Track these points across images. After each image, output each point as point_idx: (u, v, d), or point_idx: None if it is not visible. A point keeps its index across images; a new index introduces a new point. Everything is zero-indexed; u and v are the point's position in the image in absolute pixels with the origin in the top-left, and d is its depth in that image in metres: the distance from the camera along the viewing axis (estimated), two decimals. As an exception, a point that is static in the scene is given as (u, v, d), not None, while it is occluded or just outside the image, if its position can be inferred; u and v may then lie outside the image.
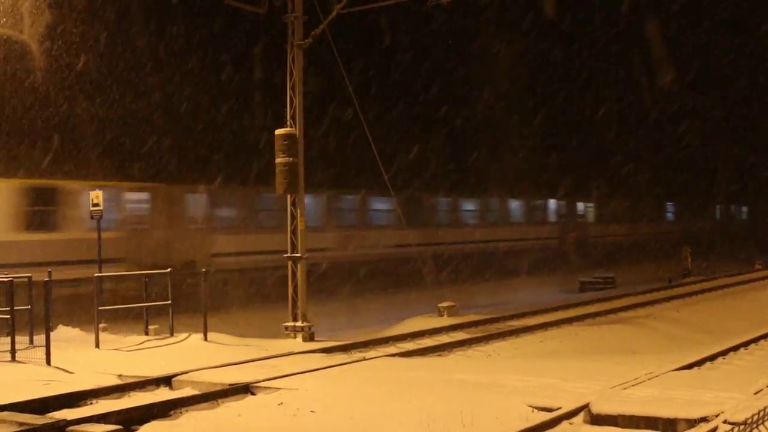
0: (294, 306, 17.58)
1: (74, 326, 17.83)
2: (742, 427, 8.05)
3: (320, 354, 14.52)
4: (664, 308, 23.35)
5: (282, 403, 10.04)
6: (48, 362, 13.31)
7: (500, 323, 20.01)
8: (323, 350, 15.05)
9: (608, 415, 9.03)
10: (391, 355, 14.73)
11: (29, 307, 15.26)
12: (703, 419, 8.55)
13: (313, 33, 17.71)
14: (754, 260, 40.63)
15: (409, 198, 34.98)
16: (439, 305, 21.19)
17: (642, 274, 37.01)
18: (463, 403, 9.53)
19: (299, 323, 17.30)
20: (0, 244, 21.23)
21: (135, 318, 18.24)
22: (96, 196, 18.66)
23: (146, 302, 16.94)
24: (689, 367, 12.73)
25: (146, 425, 9.55)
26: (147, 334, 16.65)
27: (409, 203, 34.86)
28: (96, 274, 16.57)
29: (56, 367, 13.07)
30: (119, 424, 9.47)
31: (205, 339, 15.93)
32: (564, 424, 8.92)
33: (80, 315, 18.68)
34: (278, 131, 17.40)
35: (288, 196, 17.74)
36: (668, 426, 8.68)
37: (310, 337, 17.06)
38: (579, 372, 11.68)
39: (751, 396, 9.44)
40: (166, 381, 11.98)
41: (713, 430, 8.14)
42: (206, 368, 12.55)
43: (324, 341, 16.79)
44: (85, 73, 24.92)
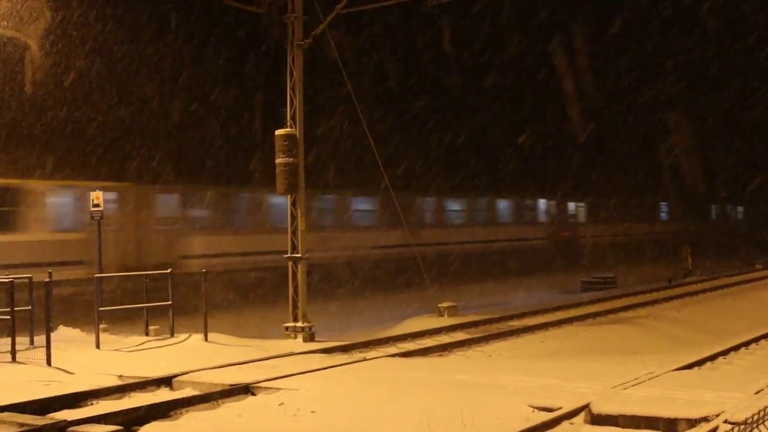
0: (294, 306, 17.59)
1: (74, 327, 17.85)
2: (743, 427, 8.05)
3: (320, 354, 14.52)
4: (665, 308, 23.35)
5: (282, 404, 10.05)
6: (48, 363, 13.31)
7: (500, 323, 20.00)
8: (323, 350, 15.05)
9: (609, 415, 9.03)
10: (392, 356, 14.73)
11: (29, 308, 15.27)
12: (704, 419, 8.55)
13: (313, 33, 17.72)
14: (755, 260, 40.65)
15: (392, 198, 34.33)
16: (440, 305, 21.18)
17: (642, 274, 37.00)
18: (464, 404, 9.53)
19: (299, 323, 17.30)
20: None
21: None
22: (96, 197, 18.66)
23: (145, 303, 16.93)
24: (690, 367, 12.74)
25: (147, 426, 9.55)
26: (147, 335, 16.65)
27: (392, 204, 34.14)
28: (96, 275, 16.57)
29: (57, 368, 13.07)
30: (120, 425, 9.47)
31: (206, 339, 15.93)
32: (564, 424, 8.92)
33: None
34: (278, 131, 17.37)
35: (288, 197, 17.75)
36: (669, 426, 8.68)
37: (311, 338, 17.06)
38: (579, 372, 11.68)
39: (752, 396, 9.44)
40: (167, 381, 11.98)
41: (714, 430, 8.14)
42: (207, 369, 12.56)
43: (324, 341, 16.78)
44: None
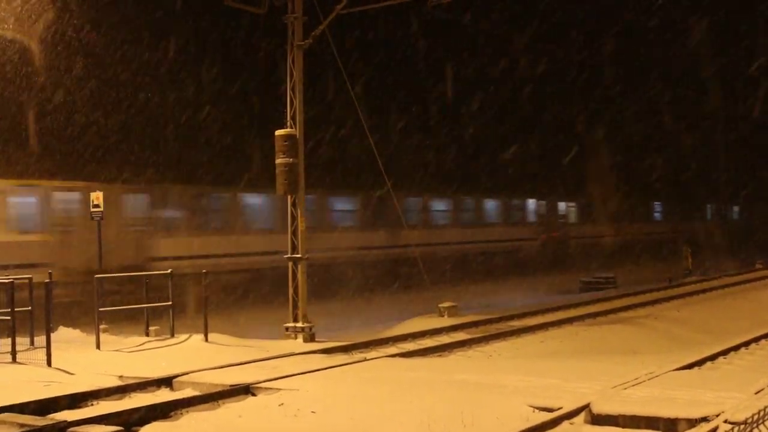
0: (294, 307, 17.58)
1: (75, 327, 17.85)
2: (743, 427, 8.05)
3: (321, 355, 14.52)
4: (665, 308, 23.35)
5: (283, 404, 10.05)
6: (49, 363, 13.31)
7: (501, 323, 20.00)
8: (324, 351, 15.06)
9: (609, 415, 9.03)
10: (392, 356, 14.73)
11: (30, 309, 15.28)
12: (704, 419, 8.55)
13: (313, 34, 17.72)
14: (755, 260, 40.66)
15: (378, 198, 32.89)
16: (440, 305, 21.18)
17: (638, 274, 36.97)
18: (464, 404, 9.53)
19: (300, 324, 17.29)
20: None
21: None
22: (96, 198, 18.69)
23: (146, 303, 16.93)
24: (690, 367, 12.74)
25: (147, 426, 9.55)
26: (148, 335, 16.65)
27: (378, 203, 33.05)
28: (96, 276, 16.58)
29: (57, 369, 13.07)
30: (120, 426, 9.47)
31: (206, 340, 15.93)
32: (565, 424, 8.92)
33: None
34: (278, 132, 17.36)
35: (288, 197, 17.75)
36: (669, 426, 8.69)
37: (311, 338, 17.05)
38: (580, 372, 11.69)
39: (752, 395, 9.44)
40: (167, 382, 11.98)
41: (714, 430, 8.14)
42: (207, 369, 12.56)
43: (324, 342, 16.78)
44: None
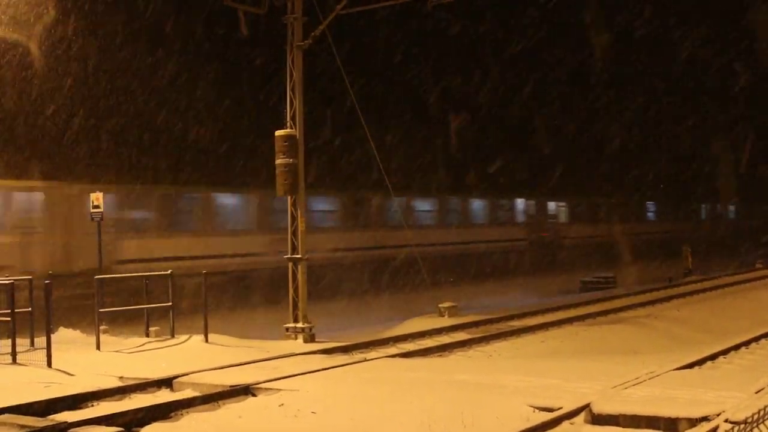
0: (294, 307, 17.58)
1: (75, 328, 17.85)
2: (744, 426, 8.05)
3: (321, 355, 14.52)
4: (665, 308, 23.35)
5: (283, 405, 10.05)
6: (49, 364, 13.31)
7: (501, 323, 20.00)
8: (324, 351, 15.06)
9: (609, 415, 9.03)
10: (392, 356, 14.72)
11: (30, 310, 15.28)
12: (705, 418, 8.55)
13: (313, 34, 17.72)
14: (755, 260, 40.67)
15: (357, 198, 32.65)
16: (440, 305, 21.18)
17: (640, 275, 36.97)
18: (464, 404, 9.53)
19: (300, 324, 17.30)
20: None
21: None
22: (96, 198, 18.68)
23: (146, 304, 16.93)
24: (690, 367, 12.74)
25: (147, 427, 9.55)
26: (148, 336, 16.65)
27: (356, 204, 32.61)
28: (97, 276, 16.57)
29: (57, 370, 13.07)
30: (120, 426, 9.47)
31: (206, 340, 15.93)
32: (565, 424, 8.92)
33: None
34: (278, 132, 17.36)
35: (288, 198, 17.74)
36: (669, 425, 8.68)
37: (311, 338, 17.05)
38: (580, 372, 11.69)
39: (753, 395, 9.44)
40: (167, 383, 11.98)
41: (714, 430, 8.13)
42: (207, 370, 12.56)
43: (324, 342, 16.78)
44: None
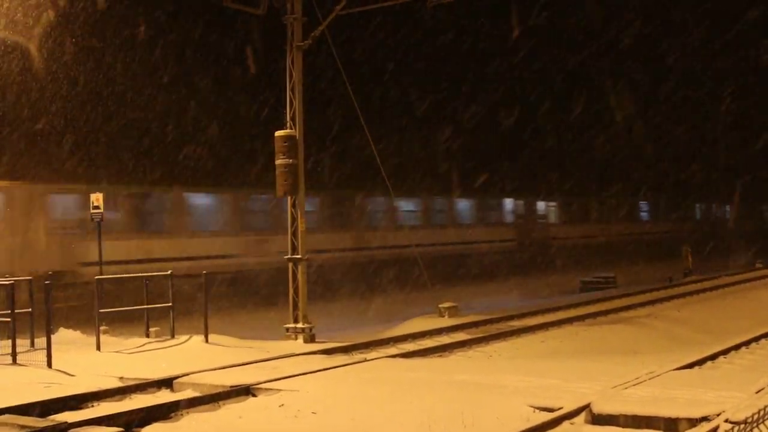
0: (295, 308, 17.59)
1: (75, 329, 17.84)
2: (744, 426, 8.06)
3: (321, 355, 14.52)
4: (665, 308, 23.35)
5: (283, 405, 10.05)
6: (49, 365, 13.31)
7: (501, 323, 20.00)
8: (324, 351, 15.06)
9: (609, 415, 9.03)
10: (392, 356, 14.73)
11: (30, 310, 15.27)
12: (705, 418, 8.55)
13: (313, 34, 17.73)
14: (755, 260, 40.68)
15: (337, 197, 32.12)
16: (440, 306, 21.18)
17: (640, 275, 36.96)
18: (464, 404, 9.54)
19: (300, 324, 17.30)
20: None
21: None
22: (96, 199, 18.67)
23: (146, 305, 16.93)
24: (690, 367, 12.75)
25: (147, 427, 9.57)
26: (148, 337, 16.65)
27: (337, 203, 32.11)
28: (97, 277, 16.59)
29: (57, 370, 13.08)
30: (121, 427, 9.47)
31: (206, 341, 15.93)
32: (565, 425, 8.92)
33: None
34: (278, 133, 17.36)
35: (288, 198, 17.75)
36: (669, 425, 8.69)
37: (311, 339, 17.06)
38: (580, 372, 11.69)
39: (753, 395, 9.44)
40: (168, 383, 11.99)
41: (714, 430, 8.14)
42: (207, 370, 12.57)
43: (325, 342, 16.79)
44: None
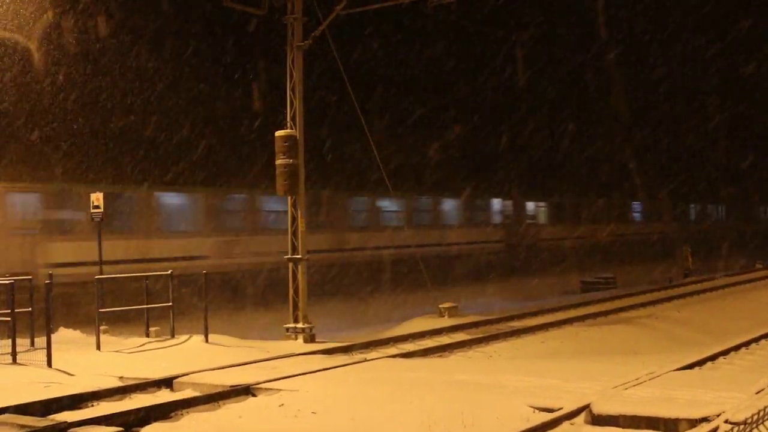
0: (295, 308, 17.59)
1: (75, 328, 17.85)
2: (743, 427, 8.06)
3: (321, 355, 14.53)
4: (665, 308, 23.36)
5: (283, 405, 10.05)
6: (49, 364, 13.32)
7: (501, 324, 20.01)
8: (324, 351, 15.07)
9: (609, 416, 9.03)
10: (392, 356, 14.74)
11: (30, 310, 15.28)
12: (705, 419, 8.55)
13: (313, 34, 17.73)
14: (755, 260, 40.72)
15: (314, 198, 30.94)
16: (440, 306, 21.17)
17: (639, 275, 36.96)
18: (464, 404, 9.54)
19: (300, 324, 17.30)
20: None
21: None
22: (96, 198, 18.69)
23: (146, 304, 16.94)
24: (690, 367, 12.75)
25: (147, 427, 9.56)
26: (148, 336, 16.65)
27: (315, 204, 30.92)
28: (97, 276, 16.59)
29: (57, 370, 13.08)
30: (120, 426, 9.47)
31: (206, 341, 15.93)
32: (565, 425, 8.92)
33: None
34: (278, 133, 17.35)
35: (288, 198, 17.75)
36: (669, 426, 8.69)
37: (311, 339, 17.06)
38: (580, 372, 11.69)
39: (753, 395, 9.44)
40: (168, 383, 11.99)
41: (714, 430, 8.14)
42: (207, 370, 12.57)
43: (325, 342, 16.79)
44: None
